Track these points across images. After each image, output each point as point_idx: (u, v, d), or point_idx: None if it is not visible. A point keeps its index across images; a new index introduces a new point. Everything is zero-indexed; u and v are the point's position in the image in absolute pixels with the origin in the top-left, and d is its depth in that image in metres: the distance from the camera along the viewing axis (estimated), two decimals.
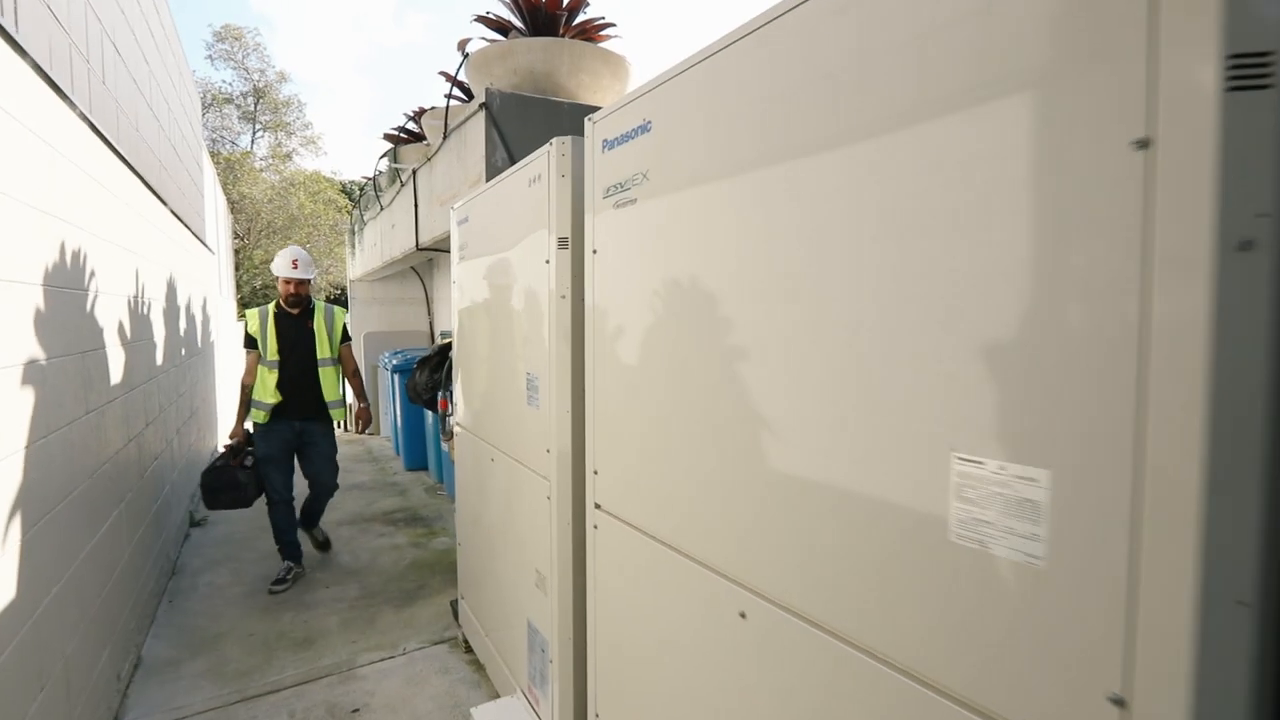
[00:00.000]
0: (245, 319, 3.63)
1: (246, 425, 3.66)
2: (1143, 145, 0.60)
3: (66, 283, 2.14)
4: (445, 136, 4.18)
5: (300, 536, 3.77)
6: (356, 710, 2.46)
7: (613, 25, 4.01)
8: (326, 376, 3.65)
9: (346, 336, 3.81)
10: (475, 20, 4.07)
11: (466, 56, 3.97)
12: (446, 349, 4.11)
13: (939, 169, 0.78)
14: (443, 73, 4.40)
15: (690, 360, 1.25)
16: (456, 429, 2.87)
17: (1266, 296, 0.57)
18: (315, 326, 3.65)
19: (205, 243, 6.21)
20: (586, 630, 1.73)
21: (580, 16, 4.03)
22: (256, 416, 3.57)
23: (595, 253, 1.59)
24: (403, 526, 4.64)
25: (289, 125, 20.95)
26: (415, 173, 5.05)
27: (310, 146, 22.05)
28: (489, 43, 3.96)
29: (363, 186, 8.66)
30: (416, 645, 2.94)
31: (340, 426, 4.63)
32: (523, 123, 3.52)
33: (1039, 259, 0.69)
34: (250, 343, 3.58)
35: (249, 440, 3.62)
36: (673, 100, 1.28)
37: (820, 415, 0.96)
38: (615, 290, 1.52)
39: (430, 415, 5.72)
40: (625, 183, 1.44)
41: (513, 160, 3.39)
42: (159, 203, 3.92)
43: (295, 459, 3.71)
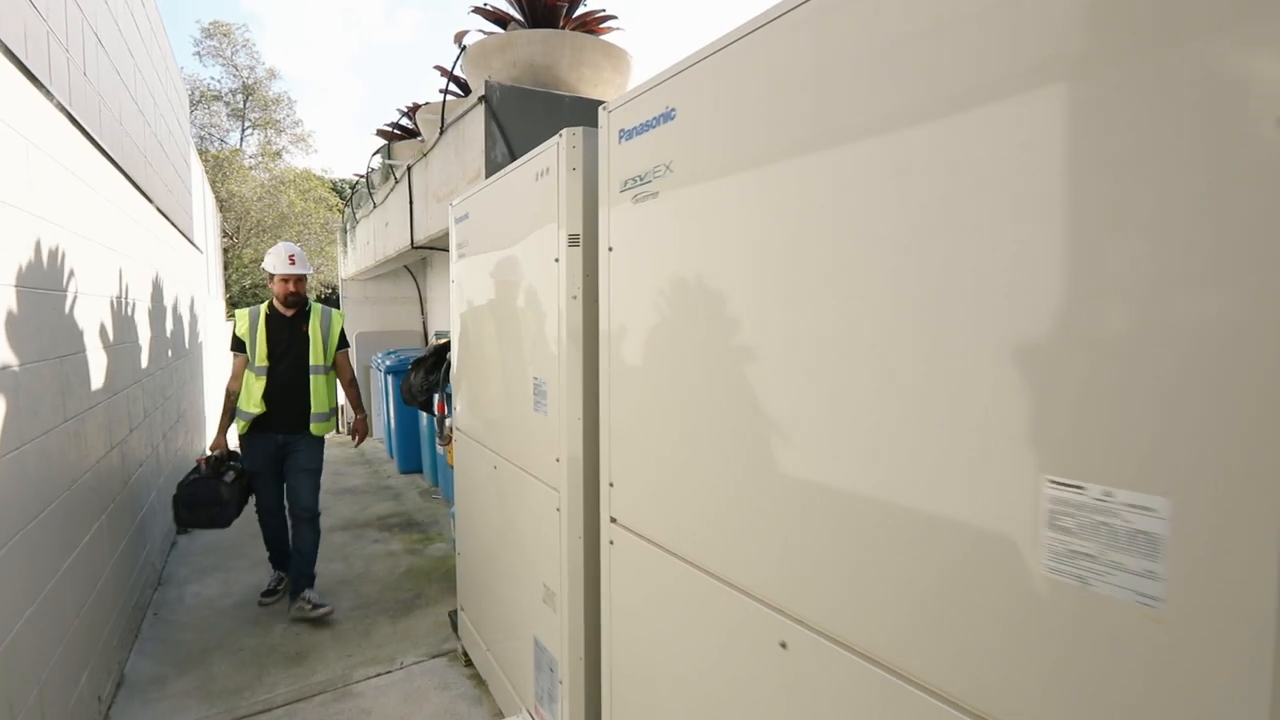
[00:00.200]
0: (234, 319, 3.33)
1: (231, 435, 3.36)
2: None
3: (42, 283, 2.02)
4: (442, 131, 4.07)
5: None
6: None
7: (614, 18, 3.91)
8: (318, 386, 3.30)
9: (344, 342, 3.43)
10: (473, 12, 3.95)
11: (464, 49, 3.86)
12: (442, 349, 3.99)
13: (1031, 148, 0.69)
14: (438, 66, 4.28)
15: (721, 364, 1.15)
16: (455, 433, 2.76)
17: None
18: (310, 330, 3.31)
19: (193, 241, 6.05)
20: (600, 651, 1.63)
21: (581, 9, 3.92)
22: (238, 427, 3.28)
23: (611, 250, 1.49)
24: (398, 532, 4.52)
25: (279, 123, 20.67)
26: (410, 169, 4.92)
27: (300, 144, 21.73)
28: (487, 35, 3.84)
29: (354, 185, 8.51)
30: (414, 659, 2.83)
31: (336, 430, 4.43)
32: (523, 116, 3.41)
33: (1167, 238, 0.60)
34: (238, 345, 3.26)
35: (231, 454, 3.31)
36: (703, 85, 1.18)
37: (880, 426, 0.86)
38: (634, 290, 1.42)
39: (425, 417, 5.60)
40: (645, 175, 1.34)
41: (513, 155, 3.28)
42: (144, 200, 3.78)
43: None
